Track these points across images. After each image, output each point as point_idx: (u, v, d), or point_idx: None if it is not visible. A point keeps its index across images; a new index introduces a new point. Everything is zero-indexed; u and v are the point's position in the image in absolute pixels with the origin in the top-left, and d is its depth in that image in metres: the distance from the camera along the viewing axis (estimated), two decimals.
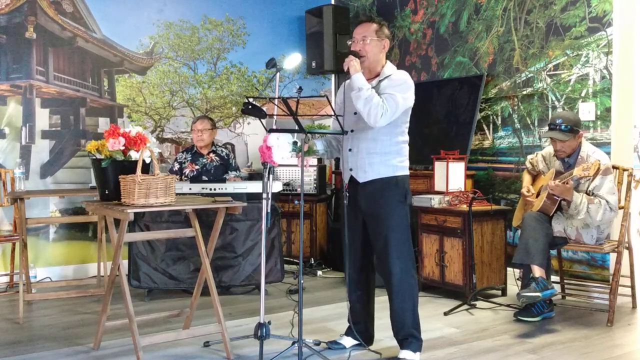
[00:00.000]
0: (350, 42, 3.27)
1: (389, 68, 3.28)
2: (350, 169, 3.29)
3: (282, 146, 3.21)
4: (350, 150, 3.28)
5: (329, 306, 4.39)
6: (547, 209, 3.95)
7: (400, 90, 3.13)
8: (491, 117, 5.16)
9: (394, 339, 3.32)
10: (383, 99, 3.09)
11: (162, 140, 5.76)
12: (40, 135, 5.18)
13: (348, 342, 3.45)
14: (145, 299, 4.55)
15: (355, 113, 3.21)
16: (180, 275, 4.53)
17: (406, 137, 3.30)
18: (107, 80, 5.49)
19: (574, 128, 3.89)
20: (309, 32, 6.26)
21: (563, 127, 3.89)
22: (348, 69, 3.14)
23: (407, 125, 3.29)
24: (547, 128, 4.08)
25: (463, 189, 4.61)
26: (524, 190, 4.20)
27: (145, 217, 4.44)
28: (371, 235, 3.28)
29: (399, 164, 3.25)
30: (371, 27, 3.25)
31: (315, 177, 5.71)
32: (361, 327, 3.41)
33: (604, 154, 4.01)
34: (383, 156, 3.22)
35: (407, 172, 3.30)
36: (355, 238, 3.34)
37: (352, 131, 3.27)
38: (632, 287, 4.15)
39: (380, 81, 3.23)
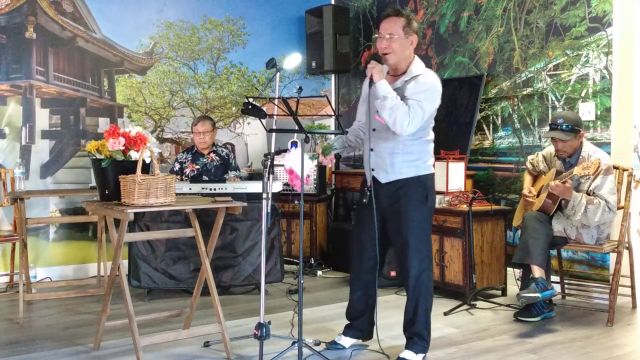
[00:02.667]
0: (376, 36, 3.17)
1: (417, 67, 3.16)
2: (372, 169, 3.22)
3: (297, 160, 3.11)
4: (372, 150, 3.21)
5: (329, 306, 4.39)
6: (547, 209, 3.95)
7: (426, 96, 3.05)
8: (491, 117, 5.16)
9: (395, 339, 3.35)
10: (409, 106, 3.01)
11: (162, 140, 5.75)
12: (40, 135, 5.18)
13: (347, 342, 3.45)
14: (145, 298, 4.55)
15: (377, 111, 3.10)
16: (180, 275, 4.53)
17: (430, 136, 3.23)
18: (107, 80, 5.49)
19: (575, 128, 3.89)
20: (309, 32, 6.26)
21: (564, 126, 3.89)
22: (371, 75, 3.05)
23: (432, 124, 3.22)
24: (548, 128, 4.08)
25: (463, 189, 4.61)
26: (524, 191, 4.20)
27: (145, 217, 4.44)
28: (391, 235, 3.25)
29: (422, 164, 3.19)
30: (398, 22, 3.11)
31: (315, 177, 5.71)
32: (360, 322, 3.41)
33: (605, 153, 4.01)
34: (405, 156, 3.15)
35: (430, 171, 3.23)
36: (370, 238, 3.26)
37: (374, 130, 3.19)
38: (632, 287, 4.15)
39: (406, 81, 3.13)
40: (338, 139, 3.41)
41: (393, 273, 4.82)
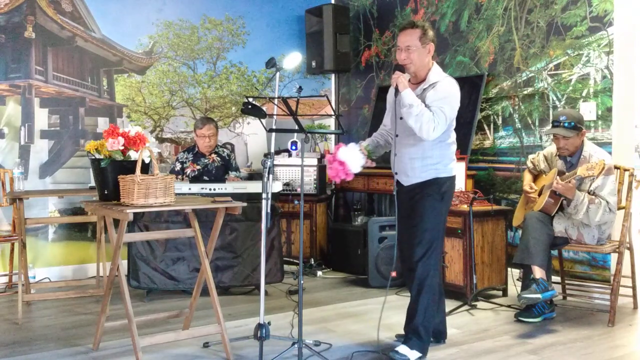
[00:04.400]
0: (396, 50, 3.31)
1: (435, 74, 3.29)
2: (396, 173, 3.37)
3: (354, 156, 3.22)
4: (395, 154, 3.35)
5: (329, 307, 4.38)
6: (549, 209, 3.94)
7: (447, 102, 3.18)
8: (492, 117, 5.15)
9: (396, 340, 3.31)
10: (433, 112, 3.12)
11: (161, 140, 5.74)
12: (39, 135, 5.16)
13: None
14: (144, 299, 4.54)
15: (401, 117, 3.23)
16: (179, 275, 4.51)
17: (450, 139, 3.32)
18: (106, 79, 5.48)
19: (577, 125, 3.88)
20: (309, 32, 6.25)
21: (567, 124, 3.88)
22: (397, 84, 3.18)
23: (453, 127, 3.31)
24: (550, 126, 4.07)
25: (464, 189, 4.59)
26: (525, 187, 4.19)
27: (145, 217, 4.42)
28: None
29: (442, 167, 3.28)
30: (414, 34, 3.25)
31: (315, 177, 5.70)
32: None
33: (606, 153, 4.00)
34: (423, 160, 3.26)
35: (450, 174, 3.31)
36: (403, 238, 3.37)
37: (397, 136, 3.32)
38: (633, 287, 4.14)
39: (424, 89, 3.24)
40: (372, 142, 3.51)
41: (394, 274, 4.80)
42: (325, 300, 4.55)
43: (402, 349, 3.21)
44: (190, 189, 4.43)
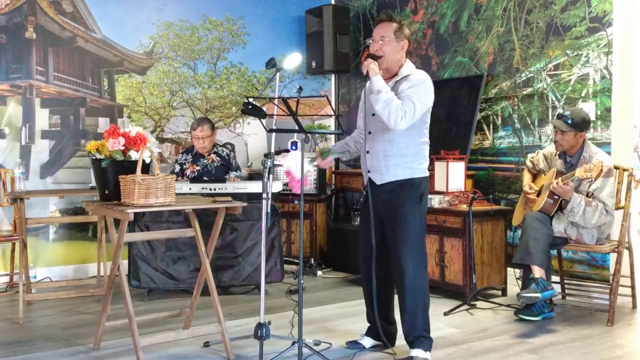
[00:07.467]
0: (369, 41, 3.25)
1: (407, 68, 3.24)
2: (368, 171, 3.29)
3: (297, 163, 3.19)
4: (368, 152, 3.27)
5: (329, 306, 4.39)
6: (548, 209, 3.95)
7: (418, 91, 3.11)
8: (491, 117, 5.16)
9: (403, 339, 3.33)
10: (402, 101, 3.06)
11: (162, 140, 5.75)
12: (40, 135, 5.17)
13: (368, 342, 3.44)
14: (145, 299, 4.55)
15: (373, 114, 3.18)
16: (180, 275, 4.52)
17: (425, 139, 3.28)
18: (107, 80, 5.48)
19: (577, 124, 3.91)
20: (309, 32, 6.26)
21: (569, 120, 3.93)
22: (367, 72, 3.11)
23: (427, 125, 3.27)
24: (550, 126, 4.09)
25: (463, 189, 4.60)
26: (525, 188, 4.20)
27: (145, 217, 4.43)
28: (387, 236, 3.26)
29: (416, 166, 3.23)
30: (390, 26, 3.20)
31: (315, 177, 5.71)
32: (375, 327, 3.39)
33: (607, 155, 4.01)
34: (399, 158, 3.19)
35: (425, 174, 3.26)
36: (369, 238, 3.27)
37: (369, 133, 3.24)
38: (632, 287, 4.15)
39: (397, 82, 3.19)
40: (339, 144, 3.48)
41: None
42: (325, 300, 4.56)
43: (419, 352, 3.16)
44: (190, 189, 4.44)
